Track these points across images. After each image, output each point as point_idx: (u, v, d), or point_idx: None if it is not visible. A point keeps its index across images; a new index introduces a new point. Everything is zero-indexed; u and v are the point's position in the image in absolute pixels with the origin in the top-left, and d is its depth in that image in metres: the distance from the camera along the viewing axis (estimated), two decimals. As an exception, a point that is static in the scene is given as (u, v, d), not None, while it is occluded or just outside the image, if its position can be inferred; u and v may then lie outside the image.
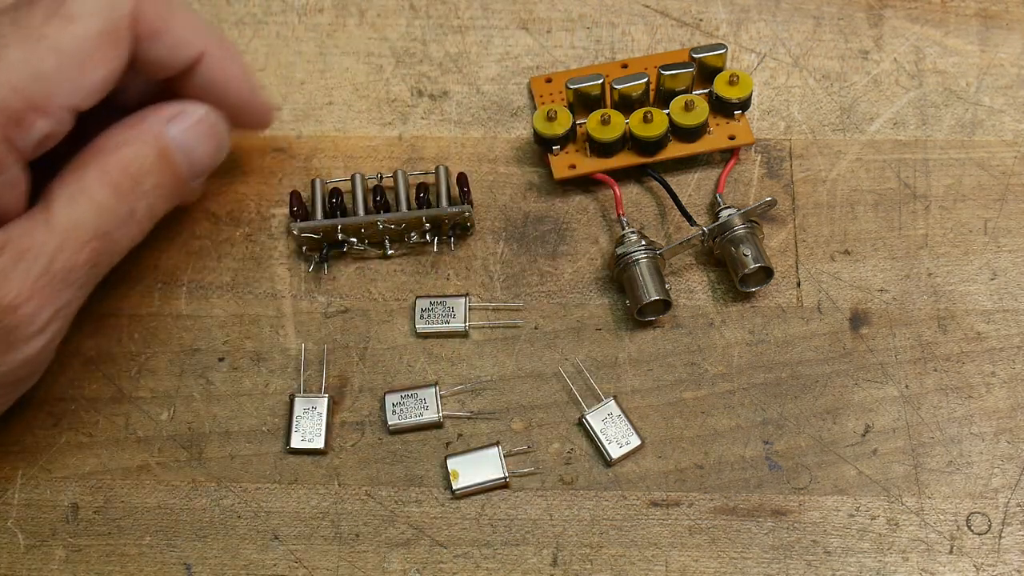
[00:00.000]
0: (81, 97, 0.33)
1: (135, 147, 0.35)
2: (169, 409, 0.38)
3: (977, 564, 0.35)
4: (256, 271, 0.41)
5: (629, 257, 0.38)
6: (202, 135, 0.36)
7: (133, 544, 0.36)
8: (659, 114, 0.40)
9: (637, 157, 0.41)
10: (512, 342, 0.39)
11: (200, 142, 0.36)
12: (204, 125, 0.36)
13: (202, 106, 0.36)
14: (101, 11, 0.33)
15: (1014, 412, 0.37)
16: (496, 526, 0.36)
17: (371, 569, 0.36)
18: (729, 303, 0.39)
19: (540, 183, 0.42)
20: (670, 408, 0.38)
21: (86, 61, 0.32)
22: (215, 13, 0.46)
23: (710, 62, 0.41)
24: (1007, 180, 0.41)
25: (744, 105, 0.41)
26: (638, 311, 0.38)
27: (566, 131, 0.40)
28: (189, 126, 0.36)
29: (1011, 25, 0.45)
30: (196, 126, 0.36)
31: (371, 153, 0.43)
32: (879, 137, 0.42)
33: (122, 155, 0.34)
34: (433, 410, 0.37)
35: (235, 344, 0.39)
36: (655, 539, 0.36)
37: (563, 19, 0.46)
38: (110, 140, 0.35)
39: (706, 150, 0.41)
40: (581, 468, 0.37)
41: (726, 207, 0.39)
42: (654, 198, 0.42)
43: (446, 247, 0.41)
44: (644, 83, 0.41)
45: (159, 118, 0.35)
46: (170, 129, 0.35)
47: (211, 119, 0.37)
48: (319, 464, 0.37)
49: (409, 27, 0.46)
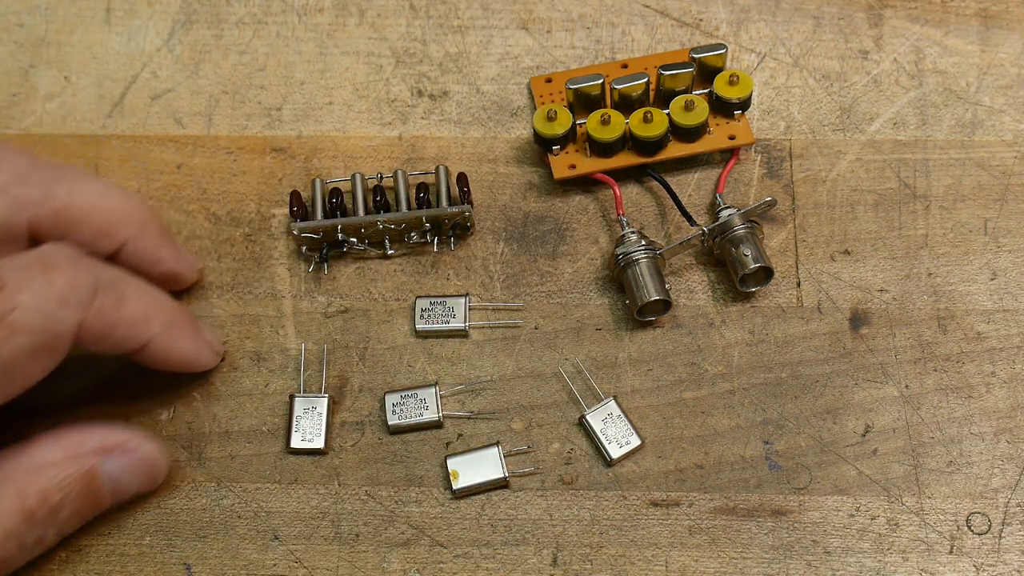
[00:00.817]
0: (2, 397, 0.32)
1: (62, 474, 0.33)
2: (169, 409, 0.38)
3: (977, 564, 0.35)
4: (256, 271, 0.41)
5: (629, 257, 0.38)
6: (139, 472, 0.35)
7: (133, 544, 0.36)
8: (659, 114, 0.40)
9: (637, 157, 0.41)
10: (512, 342, 0.39)
11: (134, 478, 0.35)
12: (143, 464, 0.35)
13: (146, 441, 0.35)
14: (44, 328, 0.31)
15: (1014, 412, 0.37)
16: (496, 526, 0.36)
17: (371, 569, 0.36)
18: (729, 303, 0.39)
19: (540, 183, 0.42)
20: (670, 408, 0.38)
21: (16, 371, 0.31)
22: (215, 13, 0.46)
23: (710, 62, 0.41)
24: (1007, 180, 0.41)
25: (744, 105, 0.41)
26: (638, 311, 0.38)
27: (566, 131, 0.40)
28: (126, 463, 0.34)
29: (1011, 25, 0.45)
30: (135, 464, 0.35)
31: (371, 153, 0.43)
32: (879, 137, 0.42)
33: (45, 480, 0.32)
34: (433, 410, 0.37)
35: (235, 344, 0.39)
36: (655, 539, 0.36)
37: (563, 19, 0.46)
38: (37, 454, 0.33)
39: (706, 150, 0.41)
40: (581, 468, 0.37)
41: (726, 207, 0.39)
42: (654, 198, 0.42)
43: (446, 247, 0.41)
44: (644, 83, 0.41)
45: (96, 451, 0.34)
46: (105, 462, 0.34)
47: (152, 457, 0.35)
48: (319, 464, 0.37)
49: (409, 27, 0.46)
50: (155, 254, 0.38)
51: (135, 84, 0.45)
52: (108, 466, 0.34)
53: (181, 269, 0.39)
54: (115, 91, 0.45)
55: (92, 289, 0.32)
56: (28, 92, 0.45)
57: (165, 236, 0.38)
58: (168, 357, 0.36)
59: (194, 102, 0.44)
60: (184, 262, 0.39)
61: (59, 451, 0.33)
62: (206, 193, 0.42)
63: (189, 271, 0.39)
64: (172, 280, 0.39)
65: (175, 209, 0.42)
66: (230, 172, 0.43)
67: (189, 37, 0.46)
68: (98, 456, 0.34)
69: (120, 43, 0.46)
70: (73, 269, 0.32)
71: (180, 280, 0.39)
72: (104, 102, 0.44)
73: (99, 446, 0.34)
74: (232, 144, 0.43)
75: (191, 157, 0.43)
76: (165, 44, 0.46)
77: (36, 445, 0.33)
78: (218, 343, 0.39)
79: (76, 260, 0.33)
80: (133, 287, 0.35)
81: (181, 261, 0.39)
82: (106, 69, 0.45)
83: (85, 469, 0.33)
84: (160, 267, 0.38)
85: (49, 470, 0.33)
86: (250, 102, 0.44)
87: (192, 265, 0.40)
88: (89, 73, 0.45)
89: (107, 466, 0.34)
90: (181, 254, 0.39)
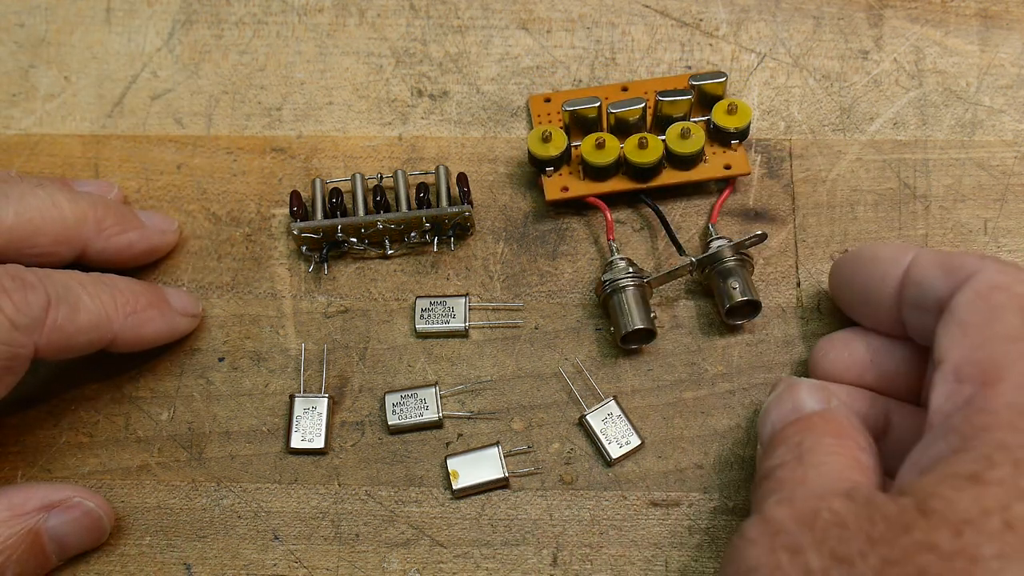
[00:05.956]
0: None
1: (5, 533, 0.33)
2: (169, 409, 0.38)
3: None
4: (256, 271, 0.41)
5: (615, 284, 0.38)
6: (82, 529, 0.35)
7: (133, 544, 0.36)
8: (654, 140, 0.39)
9: (631, 183, 0.40)
10: (512, 342, 0.39)
11: (78, 534, 0.35)
12: (87, 520, 0.35)
13: (91, 498, 0.35)
14: (1, 357, 0.32)
15: (1014, 412, 0.37)
16: (496, 526, 0.36)
17: (371, 569, 0.36)
18: (729, 303, 0.39)
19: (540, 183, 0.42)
20: (670, 408, 0.38)
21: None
22: (215, 13, 0.46)
23: (709, 89, 0.41)
24: (1007, 180, 0.41)
25: (742, 135, 0.40)
26: (622, 339, 0.38)
27: (560, 153, 0.40)
28: (70, 519, 0.34)
29: (1011, 25, 0.45)
30: (78, 520, 0.34)
31: (371, 153, 0.43)
32: (879, 137, 0.42)
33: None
34: (433, 410, 0.37)
35: (235, 344, 0.39)
36: (655, 539, 0.36)
37: (563, 19, 0.46)
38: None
39: (701, 179, 0.40)
40: (581, 468, 0.37)
41: (717, 237, 0.39)
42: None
43: (446, 247, 0.41)
44: (641, 108, 0.40)
45: (39, 510, 0.33)
46: (49, 519, 0.34)
47: (95, 515, 0.35)
48: (319, 464, 0.37)
49: (409, 27, 0.46)
50: (121, 242, 0.38)
51: (135, 84, 0.45)
52: (52, 523, 0.34)
53: (154, 242, 0.39)
54: (115, 91, 0.45)
55: (43, 306, 0.33)
56: (28, 92, 0.45)
57: (126, 220, 0.38)
58: (140, 343, 0.36)
59: (194, 102, 0.44)
60: (154, 236, 0.39)
61: (2, 511, 0.33)
62: (206, 193, 0.42)
63: (163, 240, 0.40)
64: (151, 254, 0.39)
65: (175, 209, 0.42)
66: (230, 172, 0.43)
67: (189, 37, 0.46)
68: (42, 514, 0.34)
69: (120, 43, 0.46)
70: (21, 290, 0.32)
71: (158, 251, 0.40)
72: (104, 102, 0.44)
73: (42, 504, 0.34)
74: (232, 144, 0.43)
75: (191, 157, 0.43)
76: (165, 44, 0.46)
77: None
78: (192, 304, 0.39)
79: (23, 280, 0.33)
80: (89, 289, 0.35)
81: (150, 235, 0.39)
82: (106, 69, 0.45)
83: (29, 527, 0.33)
84: (131, 250, 0.38)
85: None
86: (250, 102, 0.44)
87: (165, 231, 0.40)
88: (89, 73, 0.45)
89: (51, 523, 0.34)
90: (147, 229, 0.39)
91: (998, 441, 0.25)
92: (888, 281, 0.33)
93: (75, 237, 0.37)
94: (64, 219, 0.36)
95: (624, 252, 0.40)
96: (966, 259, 0.31)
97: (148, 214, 0.40)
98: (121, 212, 0.38)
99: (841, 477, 0.28)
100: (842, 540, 0.25)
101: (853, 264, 0.35)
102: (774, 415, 0.32)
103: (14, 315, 0.32)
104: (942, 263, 0.31)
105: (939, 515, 0.24)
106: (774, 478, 0.29)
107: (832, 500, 0.26)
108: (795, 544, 0.26)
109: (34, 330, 0.32)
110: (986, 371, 0.27)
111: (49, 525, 0.34)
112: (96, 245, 0.37)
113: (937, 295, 0.31)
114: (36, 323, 0.32)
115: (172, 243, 0.40)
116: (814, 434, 0.30)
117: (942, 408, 0.28)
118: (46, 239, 0.36)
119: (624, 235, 0.41)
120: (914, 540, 0.24)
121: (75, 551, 0.35)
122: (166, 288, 0.39)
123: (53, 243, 0.36)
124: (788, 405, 0.32)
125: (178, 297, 0.38)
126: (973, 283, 0.29)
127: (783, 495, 0.28)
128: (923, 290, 0.31)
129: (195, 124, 0.44)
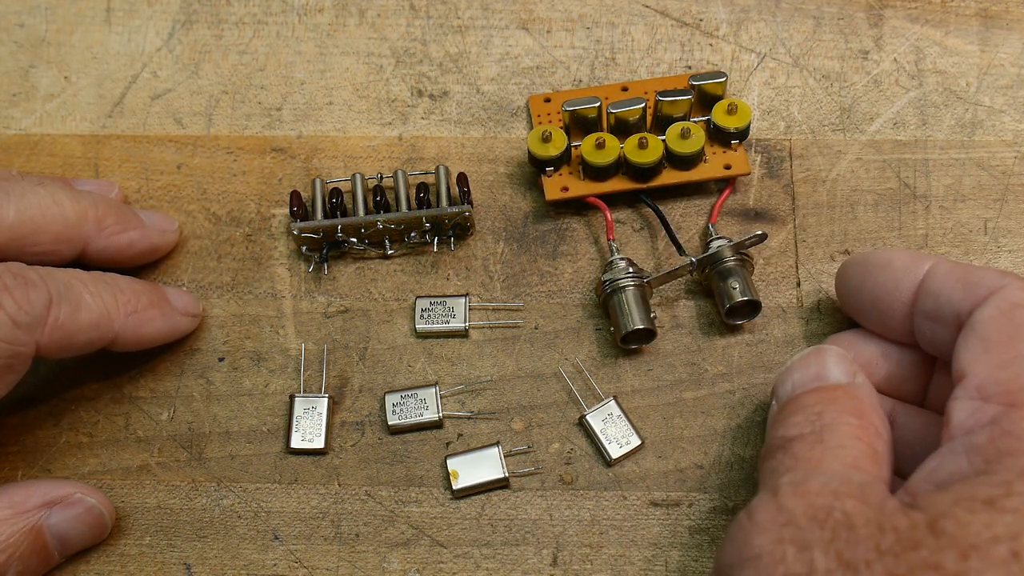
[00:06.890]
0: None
1: (7, 531, 0.33)
2: (169, 409, 0.38)
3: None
4: (256, 271, 0.41)
5: (615, 284, 0.38)
6: (83, 525, 0.35)
7: (133, 544, 0.36)
8: (654, 140, 0.39)
9: (631, 183, 0.40)
10: (512, 342, 0.39)
11: (80, 531, 0.35)
12: (88, 516, 0.35)
13: (91, 494, 0.35)
14: (2, 355, 0.32)
15: (1014, 412, 0.37)
16: (496, 526, 0.36)
17: (371, 569, 0.36)
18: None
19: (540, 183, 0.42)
20: (670, 408, 0.38)
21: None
22: (215, 13, 0.46)
23: (709, 89, 0.41)
24: (1007, 180, 0.41)
25: (742, 135, 0.40)
26: (622, 339, 0.38)
27: (560, 153, 0.40)
28: (71, 516, 0.34)
29: (1011, 25, 0.45)
30: (80, 516, 0.34)
31: (371, 153, 0.43)
32: (879, 137, 0.42)
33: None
34: (433, 410, 0.37)
35: (235, 344, 0.39)
36: (655, 539, 0.36)
37: (563, 19, 0.46)
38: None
39: (701, 179, 0.40)
40: (581, 468, 0.37)
41: (717, 237, 0.39)
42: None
43: (446, 247, 0.41)
44: (641, 108, 0.40)
45: (40, 507, 0.34)
46: (50, 516, 0.34)
47: (96, 511, 0.35)
48: (319, 464, 0.37)
49: (409, 27, 0.46)
50: (122, 241, 0.38)
51: (135, 84, 0.45)
52: (54, 520, 0.34)
53: (155, 241, 0.39)
54: (115, 91, 0.45)
55: (45, 304, 0.33)
56: (28, 92, 0.45)
57: (127, 219, 0.38)
58: (141, 342, 0.36)
59: (194, 102, 0.44)
60: (154, 235, 0.39)
61: (3, 508, 0.33)
62: (206, 193, 0.42)
63: (163, 239, 0.40)
64: (151, 253, 0.39)
65: (175, 209, 0.42)
66: (230, 172, 0.43)
67: (189, 37, 0.46)
68: (43, 511, 0.34)
69: (120, 43, 0.46)
70: (23, 288, 0.32)
71: (159, 250, 0.40)
72: (104, 102, 0.44)
73: (43, 501, 0.34)
74: (232, 144, 0.43)
75: (191, 157, 0.43)
76: (165, 44, 0.46)
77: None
78: (193, 304, 0.39)
79: (25, 278, 0.33)
80: (90, 288, 0.35)
81: (151, 235, 0.39)
82: (106, 69, 0.45)
83: (31, 524, 0.33)
84: (132, 249, 0.38)
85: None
86: (250, 102, 0.44)
87: (165, 230, 0.40)
88: (89, 73, 0.45)
89: (53, 520, 0.34)
90: (147, 228, 0.39)
91: (1021, 468, 0.25)
92: (902, 289, 0.33)
93: (76, 235, 0.37)
94: (65, 217, 0.36)
95: (624, 252, 0.40)
96: (986, 274, 0.30)
97: (148, 214, 0.40)
98: (122, 211, 0.38)
99: (857, 466, 0.28)
100: (850, 544, 0.25)
101: (863, 268, 0.35)
102: (796, 376, 0.32)
103: (16, 313, 0.32)
104: (961, 276, 0.31)
105: (949, 536, 0.24)
106: (790, 453, 0.29)
107: (846, 500, 0.26)
108: (803, 540, 0.26)
109: (36, 328, 0.32)
110: (1012, 392, 0.27)
111: (51, 522, 0.34)
112: (97, 244, 0.37)
113: (955, 308, 0.30)
114: (38, 321, 0.32)
115: (172, 243, 0.40)
116: (835, 408, 0.30)
117: (963, 424, 0.28)
118: (47, 237, 0.36)
119: (624, 235, 0.41)
120: (921, 558, 0.24)
121: (77, 547, 0.35)
122: (167, 288, 0.39)
123: (54, 241, 0.36)
124: (812, 370, 0.32)
125: (179, 297, 0.38)
126: (996, 300, 0.29)
127: (797, 477, 0.28)
128: (939, 302, 0.31)
129: (195, 124, 0.44)
